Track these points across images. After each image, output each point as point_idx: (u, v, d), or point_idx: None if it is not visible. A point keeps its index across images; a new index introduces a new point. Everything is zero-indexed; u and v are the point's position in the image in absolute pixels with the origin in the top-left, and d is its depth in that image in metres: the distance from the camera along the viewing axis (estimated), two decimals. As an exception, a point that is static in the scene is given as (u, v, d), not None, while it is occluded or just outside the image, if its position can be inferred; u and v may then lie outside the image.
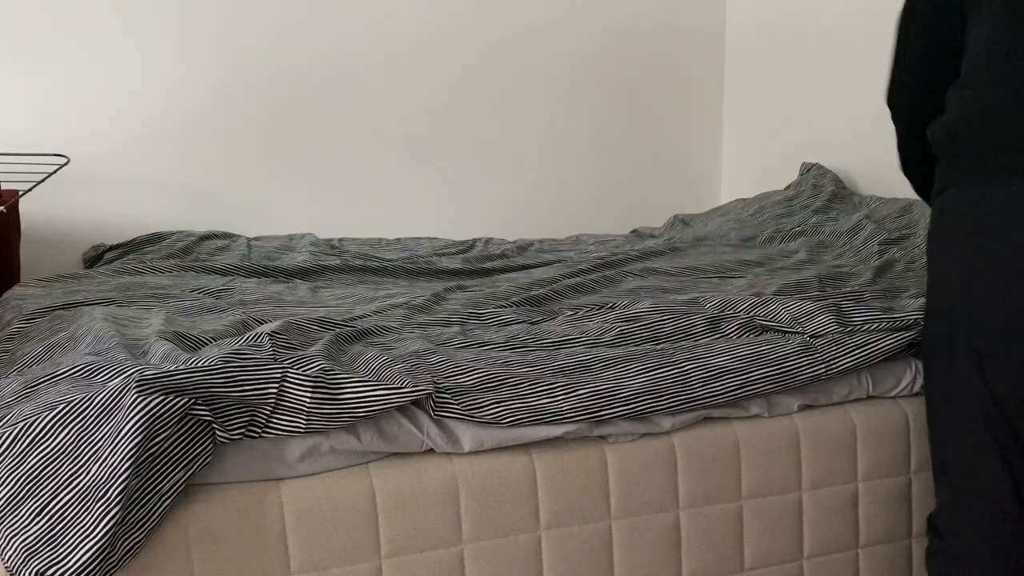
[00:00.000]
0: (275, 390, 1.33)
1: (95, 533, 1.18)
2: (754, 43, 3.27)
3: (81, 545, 1.18)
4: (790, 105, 3.10)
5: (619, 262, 2.35)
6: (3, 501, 1.22)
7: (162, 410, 1.24)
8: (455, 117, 3.12)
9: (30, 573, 1.17)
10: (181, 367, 1.32)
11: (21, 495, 1.21)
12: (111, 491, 1.19)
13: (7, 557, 1.19)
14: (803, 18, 3.01)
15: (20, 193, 2.28)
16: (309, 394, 1.34)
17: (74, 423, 1.24)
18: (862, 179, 2.80)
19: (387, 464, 1.42)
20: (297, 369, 1.37)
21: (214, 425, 1.28)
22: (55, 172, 2.31)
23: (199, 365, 1.33)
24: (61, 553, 1.18)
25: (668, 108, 3.37)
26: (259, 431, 1.33)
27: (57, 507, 1.20)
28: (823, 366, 1.61)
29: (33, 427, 1.25)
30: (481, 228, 3.19)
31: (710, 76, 3.41)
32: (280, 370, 1.36)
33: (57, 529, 1.19)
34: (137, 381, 1.25)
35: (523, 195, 3.25)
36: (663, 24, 3.32)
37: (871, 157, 2.76)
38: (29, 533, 1.19)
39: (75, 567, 1.17)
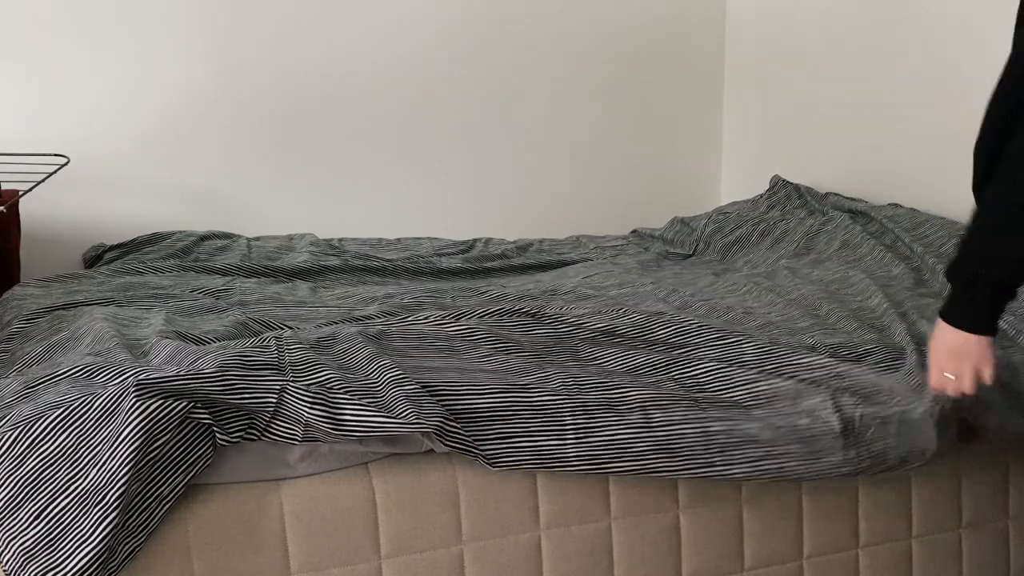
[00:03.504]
0: (274, 400, 1.32)
1: (93, 538, 1.17)
2: (754, 43, 3.27)
3: (78, 550, 1.17)
4: (790, 105, 3.10)
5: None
6: (1, 503, 1.21)
7: (161, 414, 1.23)
8: (455, 117, 3.12)
9: (28, 576, 1.17)
10: (181, 372, 1.32)
11: (20, 498, 1.21)
12: (109, 496, 1.19)
13: (5, 560, 1.19)
14: (804, 18, 3.00)
15: (20, 193, 2.28)
16: (307, 410, 1.33)
17: (73, 427, 1.24)
18: (862, 181, 2.80)
19: (387, 464, 1.42)
20: (299, 382, 1.36)
21: (214, 428, 1.28)
22: (55, 172, 2.31)
23: (200, 370, 1.33)
24: (58, 558, 1.17)
25: (668, 108, 3.37)
26: (258, 435, 1.33)
27: (55, 511, 1.20)
28: (853, 466, 1.49)
29: (32, 430, 1.24)
30: (481, 228, 3.19)
31: (710, 76, 3.41)
32: (281, 382, 1.35)
33: (55, 534, 1.19)
34: (135, 385, 1.25)
35: (523, 195, 3.25)
36: (663, 24, 3.31)
37: (872, 158, 2.76)
38: (27, 537, 1.19)
39: (72, 573, 1.16)
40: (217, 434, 1.28)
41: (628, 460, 1.44)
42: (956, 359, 1.35)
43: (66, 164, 2.36)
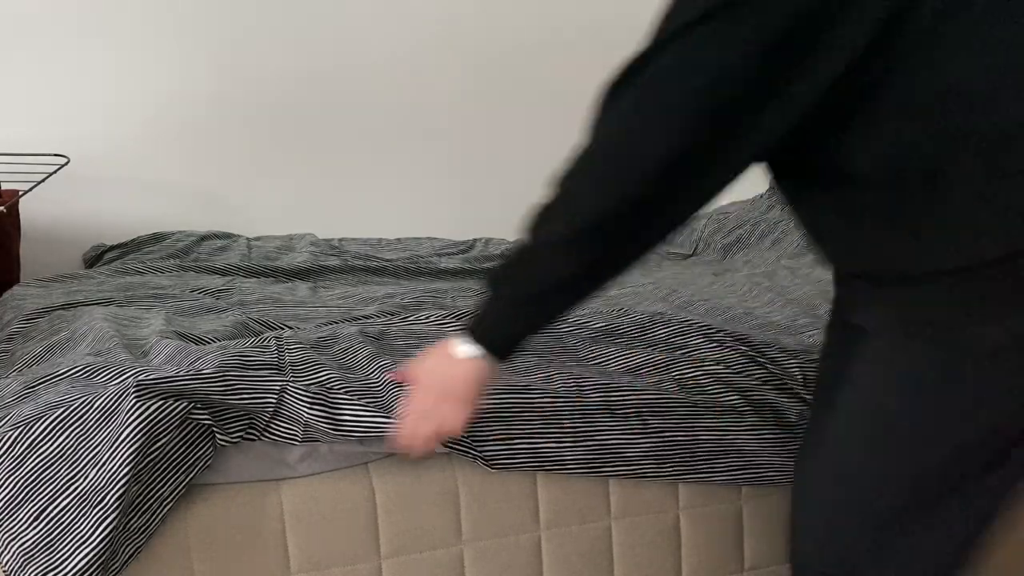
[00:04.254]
0: (274, 400, 1.32)
1: (92, 540, 1.17)
2: (754, 43, 3.27)
3: (78, 552, 1.17)
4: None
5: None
6: (1, 504, 1.21)
7: (161, 415, 1.23)
8: (455, 117, 3.12)
9: (27, 578, 1.17)
10: (181, 372, 1.32)
11: (19, 499, 1.21)
12: (109, 497, 1.19)
13: (5, 561, 1.19)
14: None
15: (20, 193, 2.28)
16: (307, 410, 1.33)
17: (73, 427, 1.24)
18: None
19: (387, 464, 1.42)
20: (298, 382, 1.36)
21: (214, 428, 1.28)
22: (55, 172, 2.31)
23: (200, 370, 1.33)
24: (58, 559, 1.17)
25: (668, 108, 3.37)
26: (257, 435, 1.33)
27: (55, 512, 1.20)
28: None
29: (31, 430, 1.24)
30: (481, 228, 3.19)
31: (710, 76, 3.41)
32: (281, 382, 1.35)
33: (54, 535, 1.19)
34: (136, 386, 1.25)
35: (523, 195, 3.24)
36: (663, 24, 3.32)
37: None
38: (27, 538, 1.19)
39: (72, 574, 1.16)
40: (217, 434, 1.28)
41: (621, 464, 1.47)
42: (446, 396, 0.97)
43: (66, 164, 2.36)
